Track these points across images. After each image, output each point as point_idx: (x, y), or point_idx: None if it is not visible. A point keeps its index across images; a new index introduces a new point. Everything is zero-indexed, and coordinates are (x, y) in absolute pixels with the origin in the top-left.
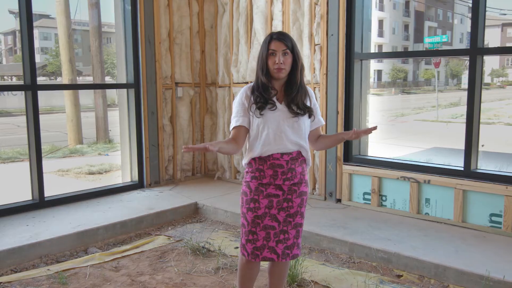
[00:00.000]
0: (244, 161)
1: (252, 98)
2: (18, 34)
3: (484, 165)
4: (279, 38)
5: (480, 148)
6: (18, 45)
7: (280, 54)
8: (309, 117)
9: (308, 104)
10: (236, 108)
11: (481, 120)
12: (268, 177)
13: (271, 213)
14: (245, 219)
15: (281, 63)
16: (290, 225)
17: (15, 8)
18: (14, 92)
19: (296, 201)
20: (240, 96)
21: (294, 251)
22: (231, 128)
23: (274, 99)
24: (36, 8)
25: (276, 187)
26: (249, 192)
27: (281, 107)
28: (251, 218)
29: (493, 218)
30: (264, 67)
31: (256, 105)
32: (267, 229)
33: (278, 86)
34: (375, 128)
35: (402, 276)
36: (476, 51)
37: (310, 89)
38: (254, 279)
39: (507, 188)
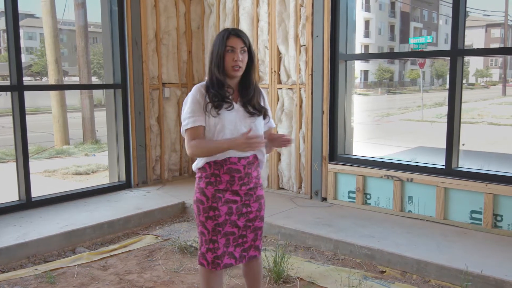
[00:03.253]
0: (197, 165)
1: (207, 97)
2: (1, 34)
3: (467, 164)
4: (238, 35)
5: (461, 147)
6: (3, 44)
7: (239, 51)
8: (264, 118)
9: (262, 104)
10: (190, 107)
11: (465, 120)
12: (225, 182)
13: (232, 220)
14: (205, 228)
15: (240, 61)
16: (249, 229)
17: None
18: None
19: (254, 205)
20: (194, 95)
21: (250, 252)
22: (186, 128)
23: (230, 98)
24: (20, 8)
25: (233, 192)
26: (206, 199)
27: (237, 106)
28: (211, 227)
29: (474, 215)
30: (220, 64)
31: (212, 104)
32: (227, 235)
33: (233, 85)
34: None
35: (385, 272)
36: (456, 52)
37: (262, 90)
38: None
39: (486, 185)
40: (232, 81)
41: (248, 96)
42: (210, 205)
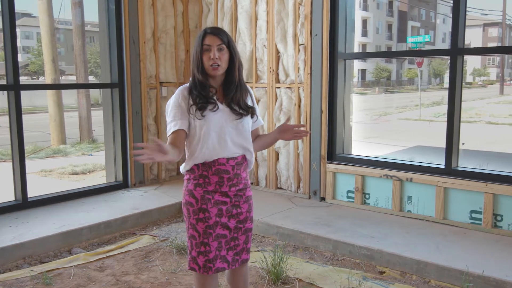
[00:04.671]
0: (185, 167)
1: (190, 99)
2: None
3: (465, 163)
4: (214, 33)
5: (461, 146)
6: None
7: (215, 49)
8: (252, 117)
9: (249, 103)
10: (172, 112)
11: (463, 119)
12: (214, 184)
13: (222, 221)
14: (195, 230)
15: (216, 59)
16: (241, 231)
17: None
18: None
19: (244, 206)
20: (176, 98)
21: (243, 256)
22: (168, 134)
23: (215, 98)
24: (17, 7)
25: (222, 194)
26: (195, 201)
27: (222, 107)
28: (202, 229)
29: (473, 215)
30: (199, 65)
31: (196, 106)
32: (219, 238)
33: (217, 85)
34: (303, 125)
35: (384, 272)
36: (456, 51)
37: (250, 88)
38: None
39: (486, 185)
40: (215, 81)
41: (230, 95)
42: (199, 207)
